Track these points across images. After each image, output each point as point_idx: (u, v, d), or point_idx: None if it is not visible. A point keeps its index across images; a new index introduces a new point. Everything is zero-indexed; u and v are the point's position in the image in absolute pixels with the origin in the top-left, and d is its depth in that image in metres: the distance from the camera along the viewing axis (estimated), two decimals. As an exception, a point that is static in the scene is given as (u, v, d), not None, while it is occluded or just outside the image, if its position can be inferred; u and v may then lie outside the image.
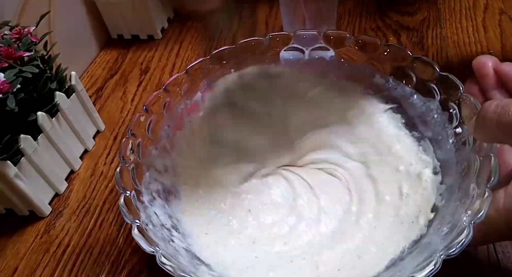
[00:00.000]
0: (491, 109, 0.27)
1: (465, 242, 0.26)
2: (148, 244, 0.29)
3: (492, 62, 0.33)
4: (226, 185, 0.41)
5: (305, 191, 0.40)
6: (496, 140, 0.29)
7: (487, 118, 0.27)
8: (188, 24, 0.66)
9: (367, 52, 0.41)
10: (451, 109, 0.35)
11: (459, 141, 0.34)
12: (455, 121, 0.35)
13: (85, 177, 0.46)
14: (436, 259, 0.26)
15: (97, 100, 0.55)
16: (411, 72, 0.39)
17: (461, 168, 0.33)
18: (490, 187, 0.28)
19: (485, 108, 0.27)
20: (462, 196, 0.31)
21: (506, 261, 0.34)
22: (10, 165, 0.37)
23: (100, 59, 0.62)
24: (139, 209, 0.32)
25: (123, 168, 0.34)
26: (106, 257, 0.39)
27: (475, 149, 0.32)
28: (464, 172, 0.32)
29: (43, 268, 0.39)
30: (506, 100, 0.27)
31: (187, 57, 0.60)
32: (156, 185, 0.37)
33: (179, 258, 0.31)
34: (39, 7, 0.51)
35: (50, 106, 0.42)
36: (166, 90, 0.40)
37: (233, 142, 0.42)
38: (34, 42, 0.40)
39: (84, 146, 0.48)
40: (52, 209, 0.43)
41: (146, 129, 0.38)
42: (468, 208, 0.29)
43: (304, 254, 0.35)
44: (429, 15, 0.60)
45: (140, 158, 0.36)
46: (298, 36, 0.42)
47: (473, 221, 0.27)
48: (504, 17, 0.57)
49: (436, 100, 0.37)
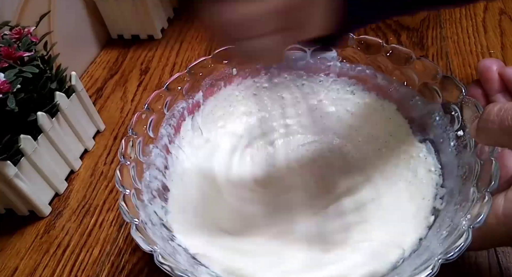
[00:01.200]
0: (494, 112, 0.27)
1: (463, 247, 0.26)
2: (146, 243, 0.29)
3: (497, 66, 0.33)
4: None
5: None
6: (498, 144, 0.29)
7: (489, 121, 0.27)
8: (188, 24, 0.66)
9: (369, 53, 0.41)
10: (453, 111, 0.35)
11: (461, 144, 0.34)
12: (456, 124, 0.35)
13: (85, 177, 0.46)
14: (434, 263, 0.26)
15: (97, 100, 0.55)
16: (413, 73, 0.39)
17: (462, 172, 0.33)
18: (490, 191, 0.28)
19: (488, 111, 0.27)
20: (462, 199, 0.31)
21: (506, 261, 0.34)
22: (10, 165, 0.37)
23: (100, 59, 0.62)
24: (139, 207, 0.32)
25: (123, 166, 0.34)
26: (106, 257, 0.39)
27: (476, 153, 0.32)
28: (464, 176, 0.32)
29: (43, 268, 0.39)
30: (509, 104, 0.26)
31: (187, 57, 0.60)
32: (156, 184, 0.37)
33: (178, 258, 0.31)
34: (39, 7, 0.51)
35: (50, 106, 0.42)
36: (168, 89, 0.40)
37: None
38: (34, 42, 0.40)
39: (84, 146, 0.48)
40: (52, 209, 0.43)
41: (147, 127, 0.38)
42: (467, 212, 0.29)
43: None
44: (429, 15, 0.60)
45: (141, 156, 0.36)
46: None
47: (472, 225, 0.27)
48: (504, 17, 0.57)
49: (438, 102, 0.37)
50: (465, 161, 0.33)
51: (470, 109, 0.33)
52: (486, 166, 0.29)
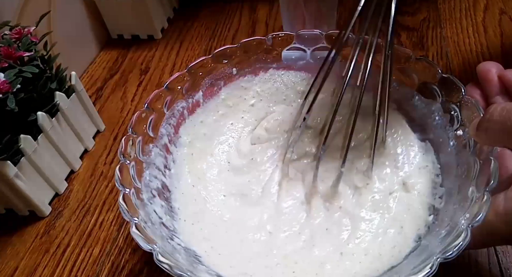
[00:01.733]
0: (497, 113, 0.27)
1: (462, 246, 0.26)
2: (146, 242, 0.29)
3: (496, 69, 0.34)
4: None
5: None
6: (499, 144, 0.29)
7: (491, 121, 0.27)
8: (188, 24, 0.66)
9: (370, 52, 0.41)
10: (453, 111, 0.35)
11: (460, 143, 0.34)
12: (456, 124, 0.35)
13: (85, 177, 0.46)
14: (432, 262, 0.26)
15: (97, 100, 0.55)
16: (413, 73, 0.39)
17: (461, 171, 0.33)
18: (490, 190, 0.28)
19: (490, 111, 0.27)
20: (461, 199, 0.31)
21: (506, 261, 0.34)
22: (10, 165, 0.37)
23: (100, 59, 0.62)
24: (138, 206, 0.32)
25: (123, 165, 0.34)
26: (106, 257, 0.39)
27: (475, 152, 0.32)
28: (464, 175, 0.32)
29: (43, 268, 0.39)
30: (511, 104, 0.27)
31: (187, 57, 0.60)
32: (156, 183, 0.37)
33: (177, 257, 0.31)
34: (39, 7, 0.51)
35: (50, 106, 0.42)
36: (168, 88, 0.40)
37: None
38: (34, 42, 0.40)
39: (84, 146, 0.48)
40: (52, 209, 0.43)
41: (147, 127, 0.38)
42: (466, 211, 0.29)
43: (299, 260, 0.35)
44: (429, 15, 0.60)
45: (140, 155, 0.36)
46: (300, 36, 0.43)
47: (471, 224, 0.27)
48: (504, 17, 0.57)
49: (438, 102, 0.37)
50: (464, 160, 0.33)
51: (470, 109, 0.33)
52: (485, 166, 0.30)
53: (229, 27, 0.64)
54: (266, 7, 0.66)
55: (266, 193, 0.40)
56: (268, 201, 0.40)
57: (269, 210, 0.39)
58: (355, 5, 0.36)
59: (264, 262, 0.35)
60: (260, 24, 0.64)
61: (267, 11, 0.66)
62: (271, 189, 0.41)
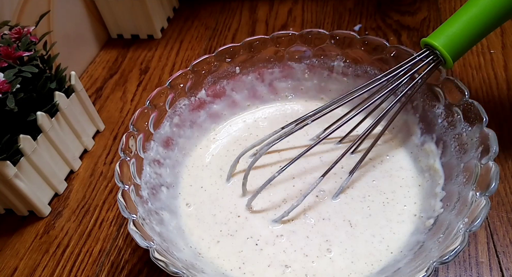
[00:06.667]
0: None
1: (459, 250, 0.26)
2: (143, 239, 0.29)
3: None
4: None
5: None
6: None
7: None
8: (188, 23, 0.66)
9: (373, 53, 0.41)
10: (456, 114, 0.35)
11: (462, 146, 0.34)
12: (458, 126, 0.35)
13: (85, 177, 0.46)
14: (428, 266, 0.26)
15: (96, 100, 0.55)
16: (417, 75, 0.39)
17: (462, 175, 0.33)
18: (489, 195, 0.28)
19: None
20: (461, 203, 0.31)
21: (507, 261, 0.34)
22: (9, 165, 0.37)
23: (99, 59, 0.62)
24: (138, 203, 0.32)
25: (123, 162, 0.34)
26: (105, 257, 0.39)
27: (477, 156, 0.32)
28: (465, 179, 0.32)
29: (43, 268, 0.39)
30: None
31: (187, 57, 0.60)
32: (156, 180, 0.37)
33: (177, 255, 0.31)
34: (38, 7, 0.51)
35: (50, 106, 0.42)
36: (170, 86, 0.40)
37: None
38: (34, 42, 0.40)
39: (83, 146, 0.48)
40: (52, 209, 0.43)
41: (148, 124, 0.38)
42: (465, 215, 0.29)
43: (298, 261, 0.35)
44: (429, 15, 0.60)
45: (141, 152, 0.36)
46: (303, 36, 0.43)
47: (469, 229, 0.27)
48: (505, 17, 0.57)
49: (441, 104, 0.37)
50: (466, 164, 0.33)
51: (473, 111, 0.33)
52: (485, 170, 0.29)
53: (229, 27, 0.64)
54: (266, 6, 0.66)
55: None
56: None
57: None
58: (355, 4, 0.36)
59: (264, 261, 0.35)
60: (260, 24, 0.63)
61: (267, 11, 0.66)
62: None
